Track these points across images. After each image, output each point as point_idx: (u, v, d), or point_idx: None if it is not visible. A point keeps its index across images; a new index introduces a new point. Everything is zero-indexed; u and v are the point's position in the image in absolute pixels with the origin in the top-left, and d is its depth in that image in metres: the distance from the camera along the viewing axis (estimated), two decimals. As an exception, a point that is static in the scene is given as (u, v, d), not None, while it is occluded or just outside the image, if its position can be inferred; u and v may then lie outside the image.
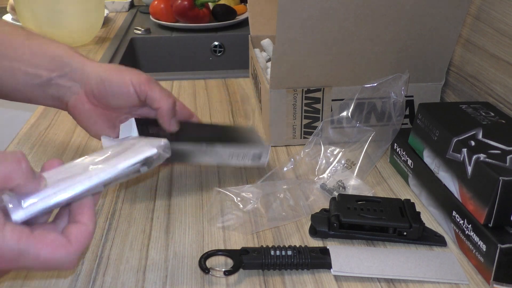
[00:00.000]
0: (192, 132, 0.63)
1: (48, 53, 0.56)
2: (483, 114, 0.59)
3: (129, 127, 0.59)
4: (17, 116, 1.19)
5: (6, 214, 0.37)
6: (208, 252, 0.50)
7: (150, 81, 0.57)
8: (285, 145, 0.74)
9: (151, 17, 1.41)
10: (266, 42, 0.92)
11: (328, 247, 0.51)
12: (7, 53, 0.55)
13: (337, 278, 0.49)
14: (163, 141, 0.47)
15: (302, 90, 0.71)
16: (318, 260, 0.49)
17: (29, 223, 0.38)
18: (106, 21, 1.42)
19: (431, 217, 0.58)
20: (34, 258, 0.36)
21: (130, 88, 0.56)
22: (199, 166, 0.68)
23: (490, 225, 0.48)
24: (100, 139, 0.58)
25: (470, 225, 0.50)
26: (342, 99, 0.70)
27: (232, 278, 0.49)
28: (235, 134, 0.66)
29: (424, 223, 0.54)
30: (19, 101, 0.60)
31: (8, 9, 1.37)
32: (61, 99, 0.58)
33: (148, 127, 0.60)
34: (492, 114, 0.59)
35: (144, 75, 0.58)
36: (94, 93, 0.57)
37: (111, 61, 1.12)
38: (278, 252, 0.49)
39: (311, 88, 0.71)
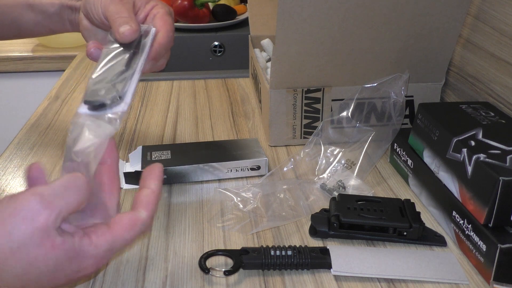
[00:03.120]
0: (191, 153, 0.67)
1: None
2: (483, 114, 0.59)
3: (138, 155, 0.66)
4: (17, 115, 1.19)
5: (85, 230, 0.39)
6: (208, 252, 0.50)
7: (113, 2, 0.55)
8: (285, 145, 0.74)
9: (151, 17, 1.40)
10: (266, 42, 0.93)
11: (328, 247, 0.51)
12: None
13: (337, 278, 0.49)
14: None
15: (302, 90, 0.71)
16: (318, 260, 0.49)
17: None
18: (106, 21, 1.42)
19: (431, 217, 0.58)
20: (122, 244, 0.39)
21: (98, 6, 0.57)
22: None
23: (490, 225, 0.48)
24: None
25: (470, 225, 0.50)
26: (342, 99, 0.70)
27: (232, 278, 0.49)
28: (234, 149, 0.67)
29: (424, 223, 0.54)
30: (42, 35, 0.69)
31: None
32: (76, 21, 0.63)
33: (151, 152, 0.66)
34: (492, 114, 0.59)
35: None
36: (85, 16, 0.60)
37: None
38: (278, 252, 0.49)
39: (311, 88, 0.71)
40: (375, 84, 0.68)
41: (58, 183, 0.37)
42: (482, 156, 0.49)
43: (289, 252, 0.49)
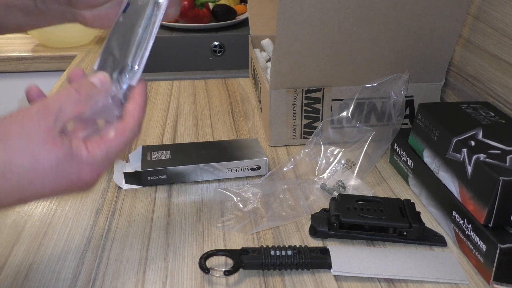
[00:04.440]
0: (191, 153, 0.67)
1: None
2: (483, 114, 0.59)
3: (138, 155, 0.65)
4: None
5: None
6: (208, 252, 0.50)
7: None
8: (285, 145, 0.74)
9: (151, 17, 1.40)
10: (266, 42, 0.93)
11: (328, 247, 0.51)
12: None
13: (337, 278, 0.49)
14: None
15: (302, 90, 0.71)
16: (318, 260, 0.49)
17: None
18: (106, 21, 1.42)
19: (431, 217, 0.58)
20: (116, 151, 0.44)
21: None
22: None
23: (490, 225, 0.48)
24: None
25: (470, 225, 0.50)
26: (342, 99, 0.70)
27: (232, 278, 0.49)
28: (234, 149, 0.67)
29: (424, 223, 0.54)
30: (30, 30, 0.65)
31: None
32: (63, 14, 0.58)
33: (151, 152, 0.66)
34: (492, 114, 0.59)
35: None
36: None
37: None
38: (278, 252, 0.49)
39: (311, 88, 0.71)
40: (375, 84, 0.68)
41: (54, 94, 0.42)
42: (482, 156, 0.49)
43: (289, 252, 0.49)
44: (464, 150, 0.51)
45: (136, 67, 0.46)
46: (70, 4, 0.56)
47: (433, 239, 0.54)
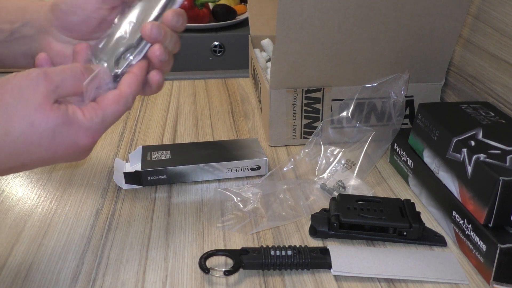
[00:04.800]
0: (191, 153, 0.67)
1: (9, 6, 0.53)
2: (483, 114, 0.59)
3: (138, 155, 0.65)
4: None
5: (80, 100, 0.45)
6: (208, 252, 0.50)
7: None
8: (285, 145, 0.74)
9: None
10: (266, 42, 0.93)
11: (328, 247, 0.51)
12: None
13: (337, 278, 0.49)
14: None
15: (302, 90, 0.71)
16: (318, 260, 0.49)
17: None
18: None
19: (431, 217, 0.58)
20: (112, 117, 0.45)
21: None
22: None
23: (490, 225, 0.48)
24: None
25: (470, 225, 0.50)
26: (342, 99, 0.70)
27: (232, 278, 0.49)
28: (234, 149, 0.67)
29: (424, 223, 0.54)
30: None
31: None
32: (29, 53, 0.52)
33: (151, 152, 0.66)
34: (492, 114, 0.59)
35: None
36: (56, 18, 0.50)
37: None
38: (278, 252, 0.49)
39: (311, 88, 0.71)
40: (375, 84, 0.68)
41: (59, 66, 0.43)
42: (482, 156, 0.49)
43: (289, 252, 0.49)
44: (464, 150, 0.51)
45: (141, 47, 0.48)
46: (46, 31, 0.51)
47: (433, 239, 0.54)
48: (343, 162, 0.66)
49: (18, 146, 0.40)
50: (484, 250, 0.48)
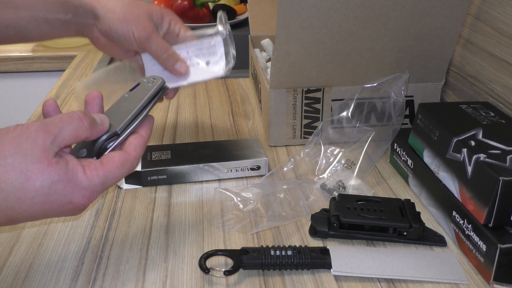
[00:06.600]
0: (191, 153, 0.67)
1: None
2: (483, 114, 0.59)
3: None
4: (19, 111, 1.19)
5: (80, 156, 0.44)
6: (208, 252, 0.50)
7: (149, 38, 0.61)
8: (285, 145, 0.74)
9: (151, 17, 1.40)
10: (266, 42, 0.92)
11: (328, 247, 0.51)
12: (22, 4, 0.59)
13: (337, 278, 0.49)
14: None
15: (302, 90, 0.71)
16: (318, 260, 0.49)
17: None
18: (106, 21, 1.42)
19: (431, 217, 0.58)
20: (113, 180, 0.44)
21: (133, 41, 0.61)
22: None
23: (490, 225, 0.48)
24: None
25: (470, 225, 0.50)
26: (342, 99, 0.70)
27: (232, 278, 0.49)
28: (234, 149, 0.67)
29: (424, 223, 0.54)
30: (47, 40, 0.71)
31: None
32: (82, 33, 0.63)
33: (151, 152, 0.66)
34: (492, 114, 0.59)
35: (148, 26, 0.61)
36: (104, 36, 0.63)
37: (111, 61, 1.12)
38: (278, 252, 0.49)
39: (311, 88, 0.71)
40: (375, 84, 0.68)
41: (58, 115, 0.42)
42: (482, 156, 0.49)
43: (289, 252, 0.49)
44: (464, 150, 0.51)
45: (123, 135, 0.47)
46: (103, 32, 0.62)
47: (433, 239, 0.54)
48: (343, 162, 0.66)
49: (10, 202, 0.38)
50: (484, 250, 0.48)
